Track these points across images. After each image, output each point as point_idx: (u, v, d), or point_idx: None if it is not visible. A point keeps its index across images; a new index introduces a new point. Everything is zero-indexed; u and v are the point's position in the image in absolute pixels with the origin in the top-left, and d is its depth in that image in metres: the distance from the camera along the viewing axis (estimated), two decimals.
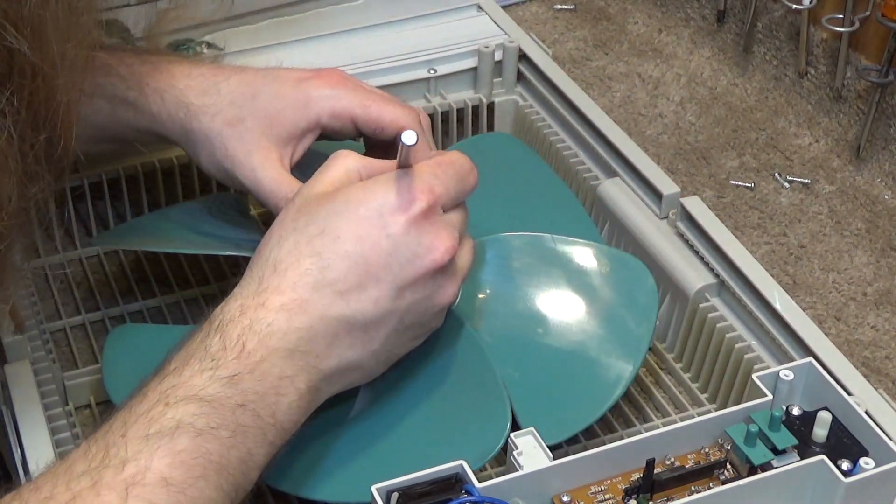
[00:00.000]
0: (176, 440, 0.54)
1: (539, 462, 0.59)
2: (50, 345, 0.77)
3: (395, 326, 0.63)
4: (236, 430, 0.56)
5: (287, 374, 0.59)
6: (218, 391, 0.57)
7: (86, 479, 0.53)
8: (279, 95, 0.71)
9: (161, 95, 0.72)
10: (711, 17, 1.09)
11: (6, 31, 0.51)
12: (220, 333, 0.59)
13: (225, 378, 0.57)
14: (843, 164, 0.97)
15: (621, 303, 0.73)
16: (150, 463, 0.53)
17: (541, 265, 0.75)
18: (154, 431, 0.54)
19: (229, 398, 0.57)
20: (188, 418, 0.55)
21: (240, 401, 0.57)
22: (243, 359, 0.58)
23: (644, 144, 0.98)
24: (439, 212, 0.64)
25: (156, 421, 0.55)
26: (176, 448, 0.54)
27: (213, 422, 0.56)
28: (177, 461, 0.54)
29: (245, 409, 0.57)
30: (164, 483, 0.53)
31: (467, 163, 0.67)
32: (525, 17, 1.12)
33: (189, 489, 0.54)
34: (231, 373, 0.58)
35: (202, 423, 0.55)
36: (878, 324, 0.84)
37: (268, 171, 0.70)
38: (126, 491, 0.52)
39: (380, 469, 0.59)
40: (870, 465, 0.59)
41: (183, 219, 0.81)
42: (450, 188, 0.65)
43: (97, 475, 0.53)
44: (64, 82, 0.56)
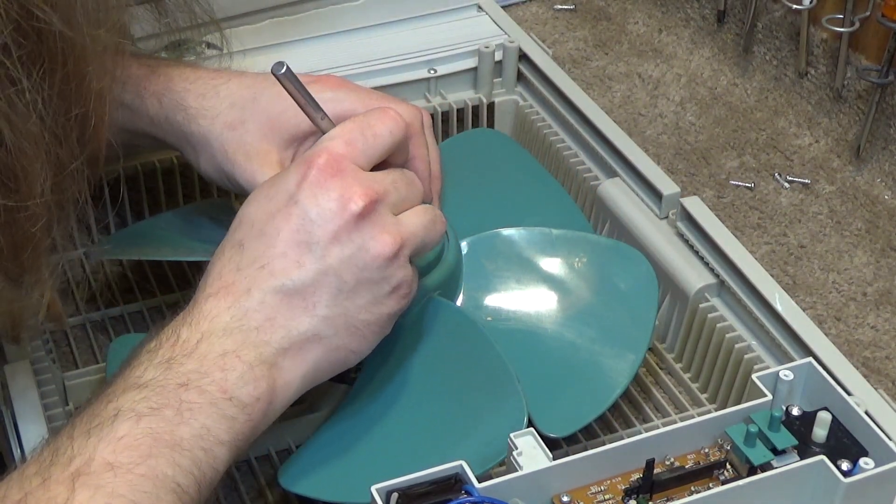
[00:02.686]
0: (116, 427, 0.55)
1: (539, 462, 0.59)
2: (50, 345, 0.77)
3: (338, 286, 0.62)
4: (181, 408, 0.57)
5: (229, 350, 0.59)
6: (155, 376, 0.58)
7: (36, 479, 0.54)
8: (281, 97, 0.71)
9: (159, 99, 0.72)
10: (711, 17, 1.09)
11: (35, 13, 0.51)
12: (154, 334, 0.61)
13: (161, 363, 0.58)
14: (843, 164, 0.97)
15: (622, 291, 0.74)
16: (94, 454, 0.54)
17: (540, 259, 0.75)
18: (95, 424, 0.55)
19: (168, 380, 0.57)
20: (128, 404, 0.56)
21: (180, 381, 0.58)
22: (178, 346, 0.59)
23: (644, 144, 0.98)
24: (346, 167, 0.63)
25: (97, 415, 0.56)
26: (117, 435, 0.55)
27: (155, 403, 0.56)
28: (120, 446, 0.54)
29: (188, 387, 0.57)
30: (110, 467, 0.54)
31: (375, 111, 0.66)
32: (525, 17, 1.12)
33: (138, 468, 0.54)
34: (167, 359, 0.58)
35: (143, 407, 0.56)
36: (878, 324, 0.84)
37: (267, 174, 0.70)
38: (73, 482, 0.53)
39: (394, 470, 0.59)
40: (869, 466, 0.59)
41: (180, 225, 0.81)
42: (354, 138, 0.64)
43: (46, 473, 0.54)
44: (95, 68, 0.56)
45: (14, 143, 0.53)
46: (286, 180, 0.63)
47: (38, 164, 0.55)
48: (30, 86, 0.53)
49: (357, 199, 0.62)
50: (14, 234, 0.56)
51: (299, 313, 0.62)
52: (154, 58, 0.75)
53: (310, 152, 0.64)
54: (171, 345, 0.59)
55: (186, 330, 0.60)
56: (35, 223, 0.56)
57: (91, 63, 0.56)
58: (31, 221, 0.56)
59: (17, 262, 0.58)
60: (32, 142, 0.54)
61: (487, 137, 0.90)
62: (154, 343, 0.60)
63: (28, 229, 0.56)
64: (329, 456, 0.66)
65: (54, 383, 0.72)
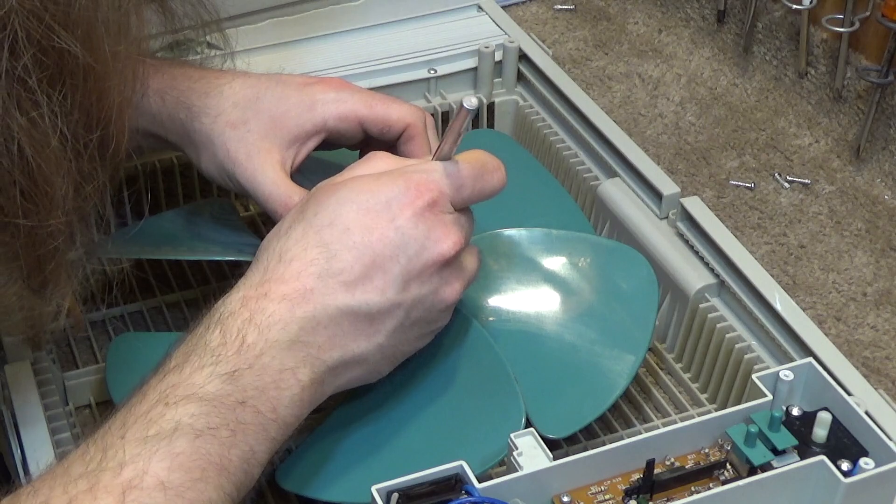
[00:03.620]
0: (174, 442, 0.54)
1: (539, 462, 0.59)
2: (50, 345, 0.77)
3: (402, 320, 0.63)
4: (236, 429, 0.56)
5: (288, 367, 0.59)
6: (217, 389, 0.57)
7: (83, 482, 0.52)
8: (284, 97, 0.71)
9: (161, 97, 0.72)
10: (711, 17, 1.09)
11: (56, 33, 0.51)
12: (220, 327, 0.59)
13: (225, 375, 0.57)
14: (843, 165, 0.97)
15: (622, 292, 0.74)
16: (147, 466, 0.53)
17: (541, 259, 0.75)
18: (153, 434, 0.54)
19: (229, 395, 0.57)
20: (187, 419, 0.55)
21: (240, 398, 0.57)
22: (243, 353, 0.58)
23: (644, 144, 0.98)
24: (447, 208, 0.64)
25: (154, 422, 0.55)
26: (174, 451, 0.54)
27: (213, 422, 0.56)
28: (175, 464, 0.54)
29: (245, 406, 0.57)
30: (162, 487, 0.53)
31: (491, 161, 0.67)
32: (525, 18, 1.12)
33: (187, 492, 0.53)
34: (231, 369, 0.57)
35: (201, 424, 0.55)
36: (878, 324, 0.84)
37: (268, 174, 0.70)
38: (123, 495, 0.52)
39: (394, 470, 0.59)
40: (870, 466, 0.59)
41: (180, 224, 0.81)
42: (464, 185, 0.65)
43: (94, 478, 0.53)
44: (116, 83, 0.56)
45: (36, 163, 0.53)
46: (389, 196, 0.62)
47: (59, 181, 0.54)
48: (52, 107, 0.53)
49: (452, 244, 0.63)
50: (37, 250, 0.56)
51: (361, 337, 0.62)
52: (157, 58, 0.75)
53: (420, 176, 0.64)
54: (237, 350, 0.58)
55: (254, 334, 0.59)
56: (57, 237, 0.56)
57: (111, 78, 0.56)
58: (54, 237, 0.56)
59: (40, 275, 0.57)
60: (54, 160, 0.54)
61: (489, 138, 0.90)
62: (218, 337, 0.58)
63: (51, 244, 0.56)
64: (329, 456, 0.66)
65: (54, 383, 0.72)
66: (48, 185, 0.54)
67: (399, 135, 0.72)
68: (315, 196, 0.64)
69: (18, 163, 0.52)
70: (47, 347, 0.75)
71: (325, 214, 0.62)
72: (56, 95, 0.53)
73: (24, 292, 0.57)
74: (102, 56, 0.54)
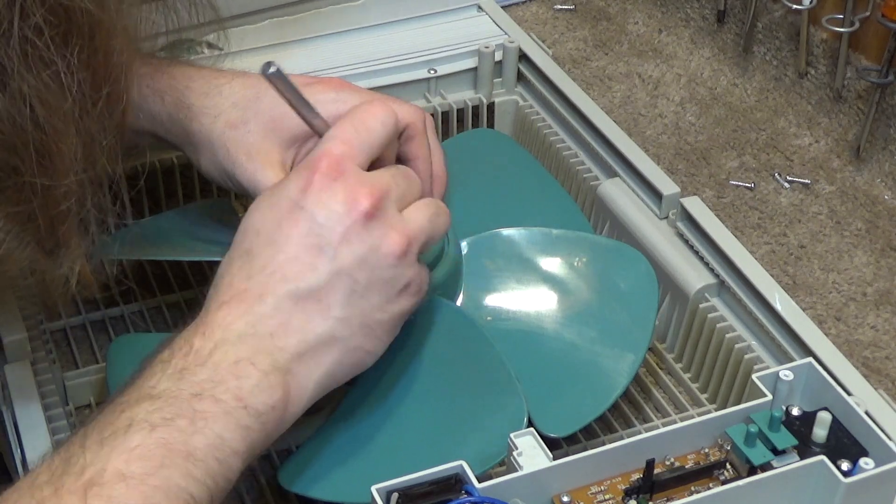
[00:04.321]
0: (129, 437, 0.55)
1: (539, 462, 0.59)
2: (50, 345, 0.77)
3: (351, 286, 0.62)
4: (195, 417, 0.56)
5: (242, 357, 0.59)
6: (168, 386, 0.57)
7: (48, 488, 0.53)
8: None
9: (161, 97, 0.72)
10: (711, 17, 1.09)
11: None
12: (167, 344, 0.60)
13: (175, 374, 0.58)
14: (843, 165, 0.97)
15: (622, 291, 0.74)
16: (106, 464, 0.54)
17: (540, 259, 0.75)
18: (108, 434, 0.55)
19: (182, 390, 0.57)
20: (142, 415, 0.56)
21: (194, 391, 0.57)
22: (192, 356, 0.59)
23: (644, 144, 0.98)
24: (345, 166, 0.63)
25: (111, 424, 0.56)
26: (130, 445, 0.54)
27: (168, 413, 0.56)
28: (133, 456, 0.54)
29: (201, 397, 0.57)
30: (122, 477, 0.53)
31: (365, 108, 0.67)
32: (525, 18, 1.12)
33: (150, 478, 0.54)
34: (180, 369, 0.58)
35: (156, 418, 0.56)
36: (878, 324, 0.84)
37: (268, 174, 0.70)
38: (85, 492, 0.53)
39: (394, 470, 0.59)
40: (870, 466, 0.59)
41: (180, 225, 0.81)
42: (350, 139, 0.65)
43: (58, 482, 0.53)
44: (120, 42, 0.56)
45: (48, 122, 0.53)
46: (289, 187, 0.63)
47: (70, 141, 0.55)
48: (63, 65, 0.53)
49: (363, 199, 0.62)
50: (50, 210, 0.56)
51: (314, 316, 0.61)
52: (157, 57, 0.75)
53: (310, 157, 0.64)
54: (184, 355, 0.59)
55: (199, 339, 0.59)
56: (69, 198, 0.56)
57: (117, 37, 0.56)
58: (66, 197, 0.56)
59: (52, 236, 0.58)
60: (65, 119, 0.54)
61: (488, 137, 0.90)
62: (167, 353, 0.59)
63: (63, 204, 0.56)
64: (329, 456, 0.66)
65: (54, 383, 0.72)
66: (61, 144, 0.54)
67: (398, 134, 0.72)
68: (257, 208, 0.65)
69: (32, 122, 0.52)
70: (46, 347, 0.75)
71: (241, 228, 0.64)
72: (67, 54, 0.53)
73: (38, 255, 0.58)
74: (108, 14, 0.54)
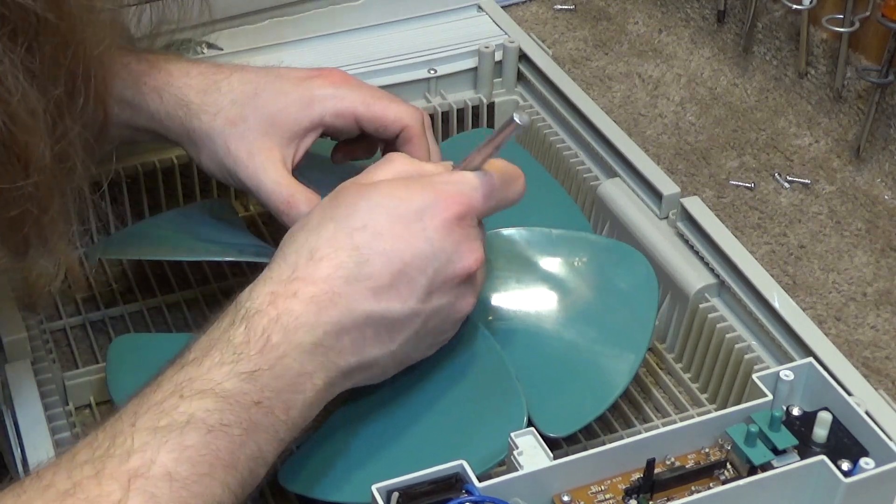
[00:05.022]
0: (185, 435, 0.54)
1: (539, 462, 0.59)
2: (50, 345, 0.77)
3: (418, 329, 0.63)
4: (248, 428, 0.56)
5: (307, 370, 0.59)
6: (235, 387, 0.56)
7: (88, 468, 0.52)
8: (282, 93, 0.71)
9: (160, 94, 0.72)
10: (711, 17, 1.09)
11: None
12: (245, 323, 0.59)
13: (245, 374, 0.57)
14: (843, 164, 0.97)
15: (622, 291, 0.74)
16: (156, 456, 0.53)
17: (541, 259, 0.75)
18: (164, 424, 0.54)
19: (246, 395, 0.57)
20: (201, 413, 0.55)
21: (256, 398, 0.57)
22: (266, 353, 0.58)
23: (644, 144, 0.98)
24: (474, 221, 0.64)
25: (167, 413, 0.55)
26: (184, 443, 0.54)
27: (227, 419, 0.55)
28: (183, 456, 0.53)
29: (260, 406, 0.57)
30: (169, 477, 0.53)
31: (513, 170, 0.67)
32: (525, 17, 1.12)
33: (193, 485, 0.53)
34: (252, 368, 0.57)
35: (214, 420, 0.55)
36: (878, 324, 0.84)
37: (270, 172, 0.70)
38: (129, 482, 0.52)
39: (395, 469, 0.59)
40: (870, 466, 0.59)
41: (180, 224, 0.81)
42: (492, 197, 0.65)
43: (100, 464, 0.52)
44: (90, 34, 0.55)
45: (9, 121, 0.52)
46: (421, 205, 0.62)
47: (37, 137, 0.54)
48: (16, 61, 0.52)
49: (472, 263, 0.63)
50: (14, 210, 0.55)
51: (378, 344, 0.62)
52: (154, 53, 0.75)
53: (451, 188, 0.64)
54: (260, 349, 0.58)
55: (279, 334, 0.58)
56: (36, 197, 0.55)
57: (85, 29, 0.55)
58: (33, 197, 0.55)
59: (20, 237, 0.57)
60: (30, 115, 0.53)
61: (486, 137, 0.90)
62: (242, 335, 0.58)
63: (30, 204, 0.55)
64: (329, 456, 0.66)
65: (54, 383, 0.72)
66: (26, 141, 0.53)
67: (395, 135, 0.72)
68: (344, 196, 0.64)
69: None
70: (46, 347, 0.75)
71: (357, 217, 0.62)
72: (20, 50, 0.52)
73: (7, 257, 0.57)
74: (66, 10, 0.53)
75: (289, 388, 0.58)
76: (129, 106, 0.73)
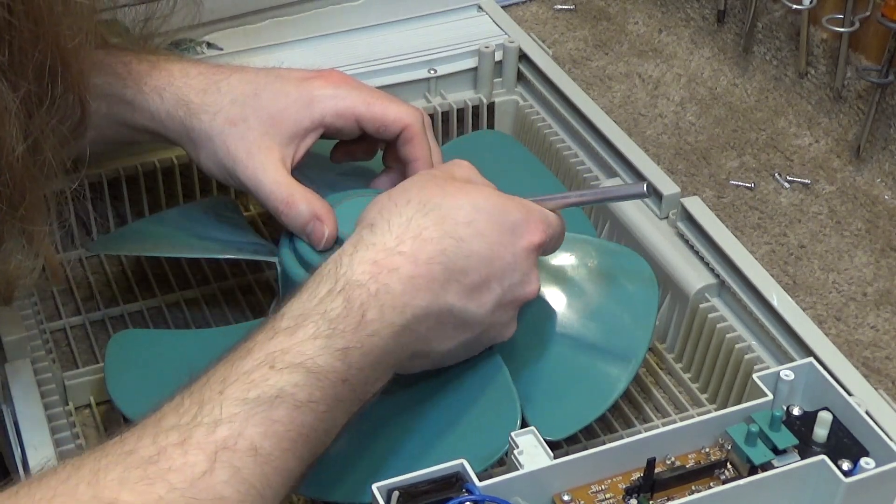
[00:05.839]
0: (274, 410, 0.54)
1: (540, 461, 0.59)
2: (50, 344, 0.77)
3: (474, 337, 0.64)
4: (332, 405, 0.57)
5: (389, 350, 0.60)
6: (327, 363, 0.57)
7: (174, 435, 0.52)
8: (282, 94, 0.71)
9: (160, 94, 0.72)
10: (711, 17, 1.09)
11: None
12: (343, 296, 0.59)
13: (338, 351, 0.57)
14: (843, 164, 0.97)
15: (622, 293, 0.74)
16: (244, 429, 0.53)
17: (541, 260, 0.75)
18: (253, 396, 0.54)
19: (335, 373, 0.57)
20: (290, 388, 0.55)
21: (343, 376, 0.57)
22: (359, 330, 0.58)
23: (644, 144, 0.98)
24: (540, 253, 0.66)
25: (257, 385, 0.54)
26: (272, 417, 0.54)
27: (315, 395, 0.56)
28: (270, 430, 0.54)
29: (346, 383, 0.57)
30: (254, 451, 0.53)
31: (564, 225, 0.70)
32: (525, 18, 1.12)
33: (275, 460, 0.54)
34: (344, 345, 0.57)
35: (304, 396, 0.55)
36: (878, 324, 0.84)
37: (269, 172, 0.70)
38: (215, 454, 0.52)
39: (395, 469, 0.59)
40: (870, 465, 0.59)
41: (180, 222, 0.81)
42: (555, 238, 0.68)
43: (187, 432, 0.52)
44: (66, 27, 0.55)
45: None
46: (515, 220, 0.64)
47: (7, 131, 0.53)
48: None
49: (536, 291, 0.66)
50: None
51: (443, 338, 0.63)
52: (154, 53, 0.75)
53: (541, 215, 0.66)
54: (356, 326, 0.58)
55: (374, 311, 0.59)
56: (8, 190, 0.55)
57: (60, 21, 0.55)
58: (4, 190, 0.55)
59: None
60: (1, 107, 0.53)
61: (492, 139, 0.90)
62: (339, 307, 0.58)
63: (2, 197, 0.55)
64: (329, 456, 0.66)
65: (54, 383, 0.72)
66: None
67: (395, 135, 0.72)
68: (443, 186, 0.64)
69: None
70: (46, 347, 0.75)
71: (463, 212, 0.63)
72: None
73: None
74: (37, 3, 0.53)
75: (371, 366, 0.59)
76: (130, 105, 0.73)
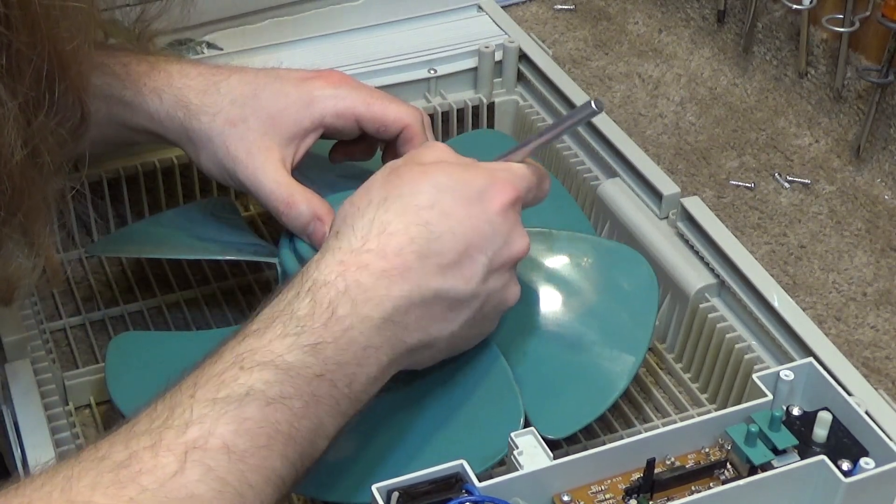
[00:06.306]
0: (244, 407, 0.54)
1: (539, 461, 0.59)
2: (50, 344, 0.77)
3: (475, 312, 0.64)
4: (310, 401, 0.56)
5: (373, 344, 0.59)
6: (297, 359, 0.56)
7: (146, 439, 0.52)
8: (282, 94, 0.71)
9: (159, 95, 0.72)
10: (711, 17, 1.09)
11: None
12: (310, 296, 0.59)
13: (307, 346, 0.57)
14: (843, 164, 0.97)
15: (622, 292, 0.74)
16: (214, 428, 0.53)
17: (541, 259, 0.75)
18: (223, 396, 0.54)
19: (308, 368, 0.56)
20: (260, 385, 0.55)
21: (318, 371, 0.57)
22: (330, 326, 0.58)
23: (644, 144, 0.98)
24: (520, 208, 0.66)
25: (227, 385, 0.54)
26: (243, 415, 0.54)
27: (286, 391, 0.55)
28: (242, 429, 0.53)
29: (322, 378, 0.57)
30: (226, 450, 0.52)
31: (544, 171, 0.69)
32: (525, 17, 1.12)
33: (251, 458, 0.53)
34: (314, 341, 0.57)
35: (274, 392, 0.55)
36: (878, 324, 0.84)
37: (269, 173, 0.70)
38: (185, 454, 0.52)
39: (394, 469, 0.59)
40: (870, 466, 0.59)
41: (180, 223, 0.81)
42: (531, 189, 0.67)
43: (157, 435, 0.52)
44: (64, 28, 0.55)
45: None
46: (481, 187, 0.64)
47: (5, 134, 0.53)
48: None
49: (525, 247, 0.65)
50: None
51: (442, 323, 0.62)
52: (153, 54, 0.75)
53: (505, 174, 0.65)
54: (325, 322, 0.58)
55: (346, 306, 0.58)
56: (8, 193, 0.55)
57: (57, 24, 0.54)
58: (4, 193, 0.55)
59: None
60: None
61: (489, 138, 0.90)
62: (307, 307, 0.58)
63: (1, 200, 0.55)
64: (329, 456, 0.66)
65: (54, 383, 0.72)
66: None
67: (395, 135, 0.72)
68: (406, 174, 0.64)
69: None
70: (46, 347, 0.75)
71: (424, 196, 0.63)
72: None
73: None
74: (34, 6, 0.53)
75: (353, 361, 0.58)
76: (129, 106, 0.73)
